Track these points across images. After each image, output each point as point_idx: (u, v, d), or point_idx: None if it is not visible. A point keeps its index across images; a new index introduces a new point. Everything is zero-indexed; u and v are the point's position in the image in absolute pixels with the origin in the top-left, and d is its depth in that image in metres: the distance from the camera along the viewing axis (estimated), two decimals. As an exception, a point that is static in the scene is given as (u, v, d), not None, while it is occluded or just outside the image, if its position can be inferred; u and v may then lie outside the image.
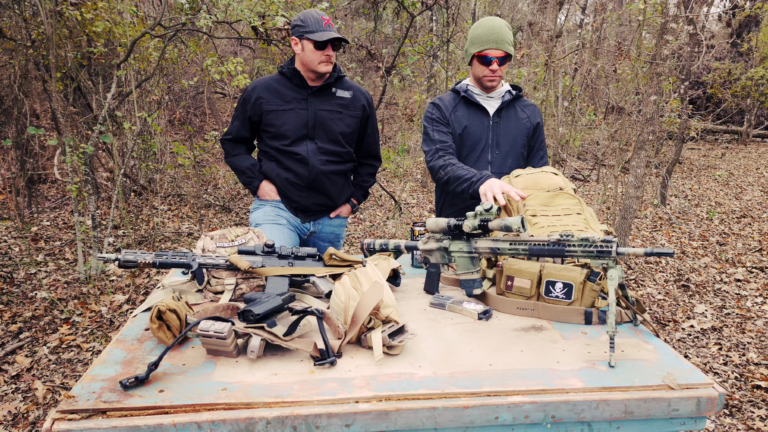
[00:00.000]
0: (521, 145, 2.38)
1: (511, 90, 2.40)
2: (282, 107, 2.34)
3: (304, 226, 2.52)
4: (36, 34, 4.78)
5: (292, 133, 2.35)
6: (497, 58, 2.23)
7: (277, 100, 2.35)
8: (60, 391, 2.83)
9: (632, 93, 7.49)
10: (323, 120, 2.37)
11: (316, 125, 2.36)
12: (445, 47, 6.09)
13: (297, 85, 2.36)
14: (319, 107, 2.36)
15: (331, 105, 2.39)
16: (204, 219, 5.95)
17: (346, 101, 2.42)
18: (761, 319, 3.84)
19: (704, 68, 11.77)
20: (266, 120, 2.36)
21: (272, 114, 2.35)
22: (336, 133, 2.40)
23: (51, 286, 4.06)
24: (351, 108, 2.43)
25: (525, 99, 2.45)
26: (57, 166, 5.97)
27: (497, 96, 2.37)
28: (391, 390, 1.18)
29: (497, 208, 1.58)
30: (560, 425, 1.19)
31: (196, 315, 1.48)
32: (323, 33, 2.21)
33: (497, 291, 1.66)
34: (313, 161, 2.37)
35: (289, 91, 2.36)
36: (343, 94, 2.42)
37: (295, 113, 2.34)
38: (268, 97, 2.35)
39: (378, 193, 7.27)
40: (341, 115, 2.40)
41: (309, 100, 2.36)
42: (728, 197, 7.80)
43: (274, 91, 2.36)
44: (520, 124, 2.37)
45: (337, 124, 2.39)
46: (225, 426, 1.09)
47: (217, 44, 6.57)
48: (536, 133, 2.42)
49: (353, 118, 2.44)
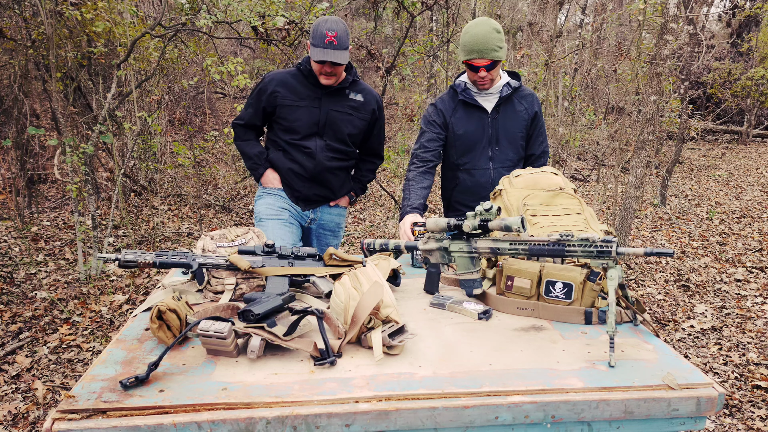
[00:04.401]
0: (520, 138, 2.44)
1: (510, 82, 2.40)
2: (296, 103, 2.42)
3: (305, 214, 2.62)
4: (36, 34, 4.78)
5: (303, 129, 2.44)
6: (483, 66, 2.25)
7: (292, 96, 2.42)
8: (60, 391, 2.83)
9: (632, 93, 7.49)
10: (334, 120, 2.46)
11: (326, 124, 2.46)
12: (445, 47, 6.09)
13: (312, 83, 2.43)
14: (332, 108, 2.45)
15: (343, 107, 2.47)
16: (204, 219, 5.95)
17: (357, 104, 2.50)
18: (761, 319, 3.84)
19: (704, 68, 11.77)
20: (279, 113, 2.44)
21: (286, 108, 2.43)
22: (344, 133, 2.49)
23: (51, 286, 4.06)
24: (362, 111, 2.52)
25: (524, 88, 2.46)
26: (57, 166, 5.97)
27: (495, 91, 2.40)
28: (391, 390, 1.18)
29: (497, 208, 1.58)
30: (560, 425, 1.19)
31: (196, 315, 1.48)
32: (320, 51, 2.25)
33: (497, 291, 1.66)
34: (320, 157, 2.47)
35: (304, 88, 2.43)
36: (356, 97, 2.50)
37: (308, 111, 2.43)
38: (283, 92, 2.42)
39: (378, 193, 7.27)
40: (351, 117, 2.49)
41: (322, 99, 2.44)
42: (728, 197, 7.80)
43: (290, 87, 2.43)
44: (518, 117, 2.41)
45: (346, 125, 2.48)
46: (225, 426, 1.09)
47: (217, 44, 6.57)
48: (534, 122, 2.45)
49: (362, 121, 2.53)
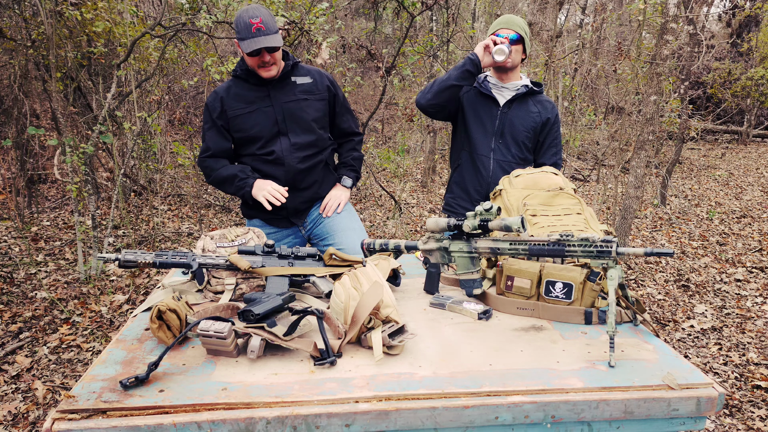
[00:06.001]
0: (525, 137, 2.43)
1: (529, 85, 2.44)
2: (247, 109, 2.26)
3: (296, 230, 2.46)
4: (36, 34, 4.78)
5: (265, 132, 2.27)
6: (507, 35, 2.29)
7: (240, 104, 2.26)
8: (60, 391, 2.83)
9: (632, 93, 7.49)
10: (292, 111, 2.29)
11: (285, 119, 2.28)
12: (445, 47, 6.09)
13: (255, 84, 2.27)
14: (284, 100, 2.28)
15: (295, 94, 2.30)
16: (204, 219, 5.95)
17: (308, 86, 2.32)
18: (761, 319, 3.84)
19: (704, 68, 11.77)
20: (234, 126, 2.28)
21: (239, 119, 2.26)
22: (308, 121, 2.31)
23: (51, 286, 4.06)
24: (315, 92, 2.34)
25: (544, 96, 2.49)
26: (57, 166, 5.96)
27: (512, 87, 2.42)
28: (391, 390, 1.18)
29: (497, 208, 1.58)
30: (560, 425, 1.19)
31: (196, 315, 1.48)
32: (251, 42, 2.09)
33: (497, 291, 1.66)
34: (289, 160, 2.29)
35: (249, 92, 2.27)
36: (304, 80, 2.32)
37: (262, 112, 2.27)
38: (230, 103, 2.27)
39: (378, 193, 7.27)
40: (308, 101, 2.31)
41: (271, 95, 2.27)
42: (728, 197, 7.80)
43: (235, 96, 2.27)
44: (529, 117, 2.42)
45: (306, 111, 2.30)
46: (225, 426, 1.09)
47: (217, 44, 6.57)
48: (546, 128, 2.45)
49: (321, 101, 2.35)
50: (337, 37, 6.84)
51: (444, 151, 8.50)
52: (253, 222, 2.46)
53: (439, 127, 7.35)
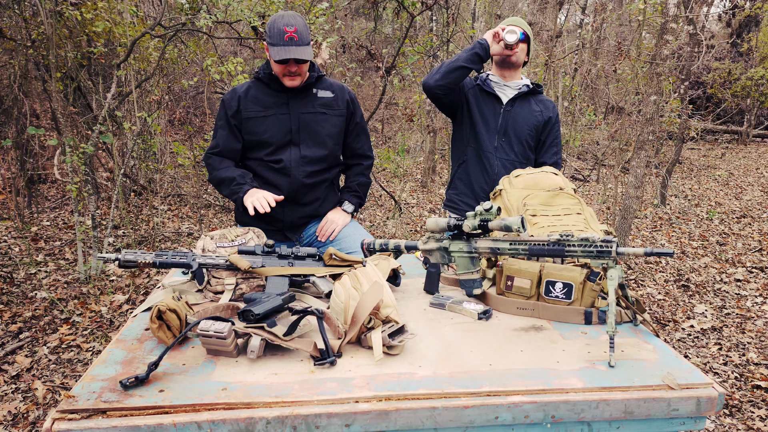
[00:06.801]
0: (528, 135, 2.44)
1: (530, 84, 2.47)
2: (263, 113, 2.21)
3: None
4: (36, 34, 4.78)
5: (276, 139, 2.22)
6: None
7: (257, 107, 2.22)
8: (60, 391, 2.83)
9: (632, 93, 7.50)
10: (307, 123, 2.24)
11: (300, 129, 2.23)
12: (445, 47, 6.09)
13: (276, 89, 2.23)
14: (302, 110, 2.23)
15: (314, 106, 2.26)
16: (204, 219, 5.95)
17: (328, 100, 2.29)
18: (761, 319, 3.84)
19: (704, 68, 11.77)
20: (247, 128, 2.23)
21: (252, 121, 2.22)
22: (322, 135, 2.27)
23: (51, 286, 4.06)
24: (335, 107, 2.30)
25: (544, 96, 2.52)
26: (57, 166, 5.97)
27: (514, 86, 2.44)
28: (391, 390, 1.18)
29: (497, 208, 1.58)
30: (560, 425, 1.19)
31: (196, 315, 1.48)
32: (281, 50, 2.05)
33: (497, 291, 1.66)
34: (296, 172, 2.24)
35: (268, 96, 2.23)
36: (325, 94, 2.28)
37: (277, 119, 2.22)
38: (247, 105, 2.22)
39: (378, 193, 7.27)
40: (325, 116, 2.27)
41: (290, 104, 2.23)
42: (728, 197, 7.80)
43: (253, 98, 2.23)
44: (531, 116, 2.43)
45: (322, 125, 2.27)
46: (225, 426, 1.09)
47: (217, 44, 6.57)
48: (548, 127, 2.47)
49: (338, 117, 2.31)
50: (337, 37, 6.84)
51: (444, 151, 8.50)
52: None
53: (439, 127, 7.35)
